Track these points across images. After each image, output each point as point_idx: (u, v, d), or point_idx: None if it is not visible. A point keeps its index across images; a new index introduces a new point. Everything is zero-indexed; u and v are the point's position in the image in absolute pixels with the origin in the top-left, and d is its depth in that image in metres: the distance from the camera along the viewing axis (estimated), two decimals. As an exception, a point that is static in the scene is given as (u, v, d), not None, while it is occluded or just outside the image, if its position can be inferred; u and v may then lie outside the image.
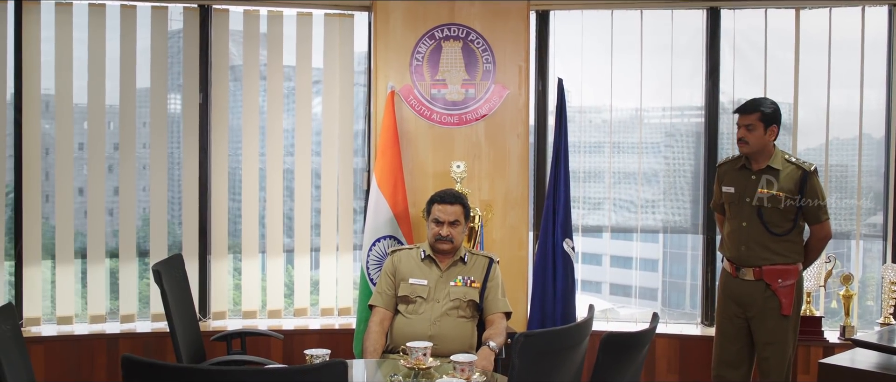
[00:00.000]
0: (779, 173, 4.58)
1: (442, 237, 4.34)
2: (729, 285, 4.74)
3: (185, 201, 5.67)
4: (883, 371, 3.94)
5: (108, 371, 5.39)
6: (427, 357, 3.61)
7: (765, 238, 4.58)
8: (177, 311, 4.18)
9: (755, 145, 4.58)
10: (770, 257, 4.57)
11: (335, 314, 5.85)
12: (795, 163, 4.60)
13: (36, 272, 5.50)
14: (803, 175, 4.55)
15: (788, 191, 4.54)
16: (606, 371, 2.90)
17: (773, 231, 4.56)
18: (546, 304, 5.12)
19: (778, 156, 4.63)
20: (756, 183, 4.60)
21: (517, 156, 5.51)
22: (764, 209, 4.56)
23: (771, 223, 4.56)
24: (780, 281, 4.55)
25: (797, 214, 4.57)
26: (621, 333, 3.05)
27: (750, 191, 4.62)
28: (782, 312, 4.56)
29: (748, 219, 4.61)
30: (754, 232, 4.59)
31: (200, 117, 5.65)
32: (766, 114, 4.56)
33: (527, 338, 2.70)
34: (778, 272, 4.56)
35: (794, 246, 4.60)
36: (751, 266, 4.61)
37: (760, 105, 4.59)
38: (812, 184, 4.55)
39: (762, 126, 4.56)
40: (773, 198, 4.55)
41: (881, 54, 5.62)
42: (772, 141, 4.60)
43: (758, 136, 4.57)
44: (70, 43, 5.49)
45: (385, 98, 5.36)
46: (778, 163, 4.60)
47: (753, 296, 4.61)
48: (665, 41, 5.76)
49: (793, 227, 4.57)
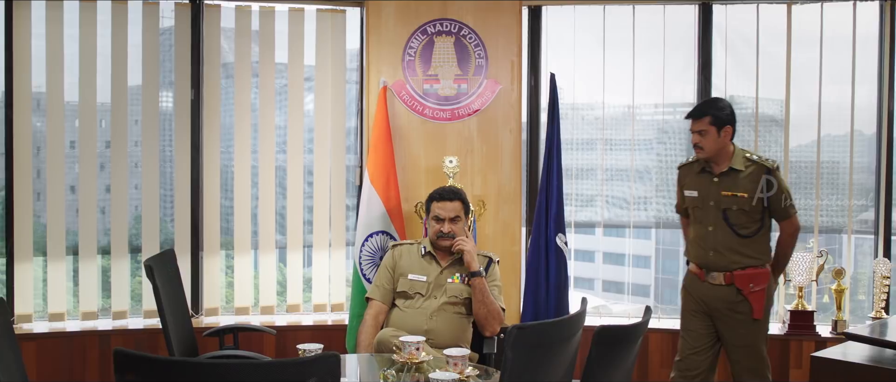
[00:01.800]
0: (741, 173, 4.41)
1: (444, 234, 4.34)
2: (696, 287, 4.56)
3: (177, 198, 5.66)
4: (875, 363, 3.94)
5: (100, 368, 5.37)
6: (420, 351, 3.61)
7: (733, 241, 4.41)
8: (169, 307, 4.17)
9: (710, 149, 4.41)
10: (740, 260, 4.40)
11: (328, 310, 5.85)
12: (757, 162, 4.43)
13: (27, 269, 5.48)
14: (766, 173, 4.39)
15: (752, 191, 4.38)
16: (600, 365, 2.90)
17: (740, 233, 4.39)
18: (539, 299, 5.13)
19: (738, 155, 4.45)
20: (719, 186, 4.43)
21: (510, 152, 5.51)
22: (730, 212, 4.40)
23: (738, 225, 4.40)
24: (751, 286, 4.39)
25: (763, 213, 4.42)
26: (614, 326, 3.05)
27: (713, 194, 4.45)
28: (753, 316, 4.41)
29: (714, 223, 4.44)
30: (722, 236, 4.42)
31: (192, 114, 5.64)
32: (718, 117, 4.37)
33: (520, 331, 2.70)
34: (749, 277, 4.39)
35: (762, 247, 4.46)
36: (721, 270, 4.44)
37: (711, 108, 4.43)
38: (774, 180, 4.40)
39: (715, 129, 4.37)
40: (738, 200, 4.39)
41: (872, 50, 5.64)
42: (728, 142, 4.43)
43: (712, 140, 4.39)
44: (61, 40, 5.47)
45: (377, 93, 5.35)
46: (739, 164, 4.42)
47: (724, 302, 4.44)
48: (657, 37, 5.76)
49: (760, 227, 4.42)
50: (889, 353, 4.03)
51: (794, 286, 5.48)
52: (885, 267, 5.42)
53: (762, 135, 5.74)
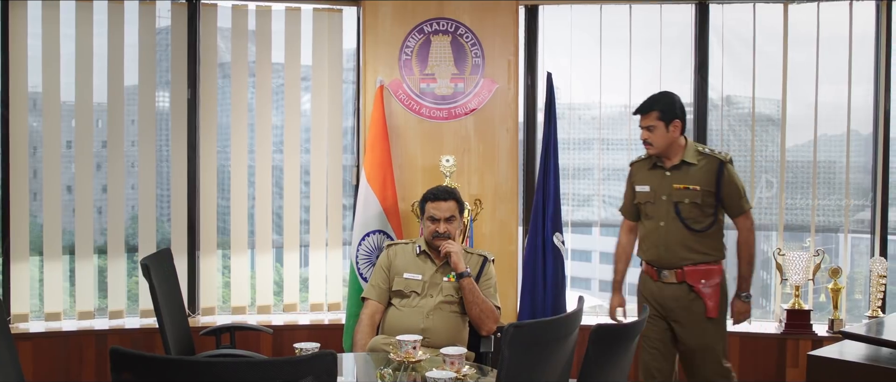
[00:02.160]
0: (693, 167, 4.32)
1: (439, 234, 4.33)
2: (649, 288, 4.46)
3: (173, 197, 5.66)
4: (871, 362, 3.95)
5: (96, 368, 5.37)
6: (417, 350, 3.61)
7: (684, 236, 4.31)
8: (166, 306, 4.17)
9: (660, 144, 4.33)
10: (691, 257, 4.30)
11: (325, 309, 5.84)
12: (710, 155, 4.34)
13: (24, 268, 5.47)
14: (719, 165, 4.29)
15: (705, 184, 4.29)
16: (596, 363, 2.90)
17: (692, 227, 4.30)
18: (536, 298, 5.13)
19: (691, 149, 4.36)
20: (671, 179, 4.35)
21: (506, 151, 5.52)
22: (682, 206, 4.30)
23: (690, 219, 4.30)
24: (703, 282, 4.30)
25: (716, 208, 4.32)
26: (611, 325, 3.06)
27: (665, 188, 4.36)
28: (708, 315, 4.31)
29: (666, 218, 4.35)
30: (673, 231, 4.33)
31: (189, 114, 5.63)
32: (665, 111, 4.29)
33: (516, 329, 2.69)
34: (700, 272, 4.30)
35: (715, 243, 4.36)
36: (672, 268, 4.34)
37: (658, 102, 4.34)
38: (728, 173, 4.30)
39: (663, 124, 4.30)
40: (690, 193, 4.29)
41: (869, 50, 5.64)
42: (677, 136, 4.33)
43: (660, 135, 4.32)
44: (57, 39, 5.46)
45: (374, 92, 5.35)
46: (692, 157, 4.33)
47: (677, 300, 4.34)
48: (654, 36, 5.77)
49: (713, 222, 4.33)
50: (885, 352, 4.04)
51: (791, 285, 5.49)
52: (881, 266, 5.42)
53: (759, 134, 5.74)
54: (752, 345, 5.52)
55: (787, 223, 5.73)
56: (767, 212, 5.76)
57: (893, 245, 5.68)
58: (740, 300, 4.45)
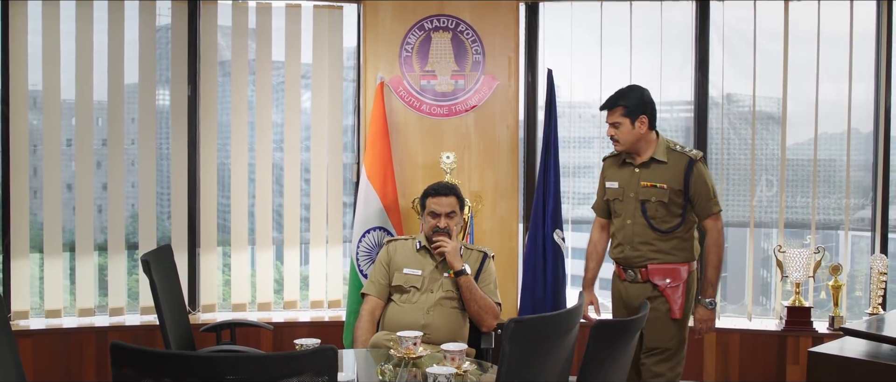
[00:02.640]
0: (663, 165, 4.15)
1: (440, 229, 4.33)
2: (616, 288, 4.34)
3: (174, 195, 5.65)
4: (872, 359, 3.95)
5: (96, 365, 5.37)
6: (417, 346, 3.61)
7: (650, 235, 4.16)
8: (166, 302, 4.16)
9: (627, 141, 4.17)
10: (656, 256, 4.15)
11: (325, 306, 5.84)
12: (680, 152, 4.16)
13: (24, 265, 5.47)
14: (688, 164, 4.11)
15: (673, 182, 4.11)
16: (597, 359, 2.90)
17: (657, 227, 4.14)
18: (536, 295, 5.13)
19: (661, 146, 4.19)
20: (639, 177, 4.19)
21: (507, 147, 5.51)
22: (648, 204, 4.15)
23: (655, 219, 4.14)
24: (666, 280, 4.13)
25: (685, 208, 4.14)
26: (612, 320, 3.05)
27: (634, 185, 4.20)
28: (672, 316, 4.13)
29: (632, 216, 4.20)
30: (639, 230, 4.17)
31: (189, 111, 5.63)
32: (630, 107, 4.14)
33: (517, 324, 2.69)
34: (664, 271, 4.14)
35: (683, 245, 4.17)
36: (636, 267, 4.20)
37: (622, 98, 4.19)
38: (697, 172, 4.11)
39: (628, 120, 4.14)
40: (657, 191, 4.13)
41: (869, 47, 5.64)
42: (644, 132, 4.16)
43: (626, 131, 4.15)
44: (57, 37, 5.46)
45: (374, 89, 5.35)
46: (662, 154, 4.16)
47: (641, 298, 4.10)
48: (654, 34, 5.76)
49: (680, 223, 4.15)
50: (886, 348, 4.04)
51: (791, 282, 5.49)
52: (881, 264, 5.42)
53: (759, 132, 5.74)
54: (752, 342, 5.52)
55: (787, 220, 5.73)
56: (768, 210, 5.76)
57: (893, 244, 5.68)
58: (703, 306, 4.21)
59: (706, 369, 5.59)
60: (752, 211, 5.74)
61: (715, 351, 5.57)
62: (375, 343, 4.11)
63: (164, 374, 2.33)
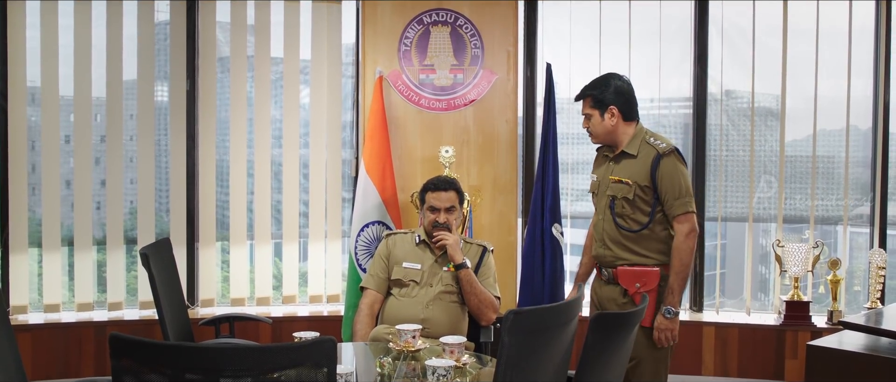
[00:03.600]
0: (632, 159, 3.88)
1: (439, 224, 4.32)
2: (594, 287, 4.11)
3: (172, 190, 5.66)
4: (870, 352, 3.95)
5: (95, 359, 5.37)
6: (416, 339, 3.62)
7: (618, 234, 3.89)
8: (165, 295, 4.17)
9: (598, 133, 3.96)
10: (627, 256, 3.87)
11: (324, 301, 5.84)
12: (651, 145, 3.84)
13: (22, 260, 5.47)
14: (656, 157, 3.80)
15: (640, 178, 3.83)
16: (596, 351, 2.89)
17: (624, 226, 3.87)
18: (535, 289, 5.12)
19: (636, 138, 3.90)
20: (609, 171, 3.95)
21: (506, 142, 5.51)
22: (616, 201, 3.88)
23: (622, 217, 3.86)
24: (636, 285, 3.83)
25: (654, 206, 3.83)
26: (611, 313, 3.05)
27: (606, 180, 3.95)
28: (642, 323, 3.58)
29: (603, 212, 3.95)
30: (608, 228, 3.92)
31: (188, 105, 5.63)
32: (598, 99, 3.92)
33: (516, 316, 2.69)
34: (635, 275, 3.85)
35: (655, 245, 3.85)
36: (609, 266, 3.93)
37: (591, 88, 3.98)
38: (665, 167, 3.79)
39: (597, 112, 3.92)
40: (622, 188, 3.86)
41: (868, 43, 5.64)
42: (618, 123, 3.91)
43: (596, 123, 3.94)
44: (56, 34, 5.46)
45: (373, 83, 5.34)
46: (633, 147, 3.88)
47: (613, 301, 3.92)
48: (653, 29, 5.76)
49: (649, 222, 3.83)
50: (885, 342, 4.05)
51: (790, 277, 5.49)
52: (880, 258, 5.42)
53: (758, 127, 5.74)
54: (751, 337, 5.53)
55: (786, 216, 5.73)
56: (766, 206, 5.76)
57: (892, 239, 5.68)
58: (662, 315, 3.81)
59: (705, 363, 5.60)
60: (751, 207, 5.74)
61: (714, 346, 5.58)
62: (375, 337, 4.11)
63: (163, 365, 2.33)
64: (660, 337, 3.82)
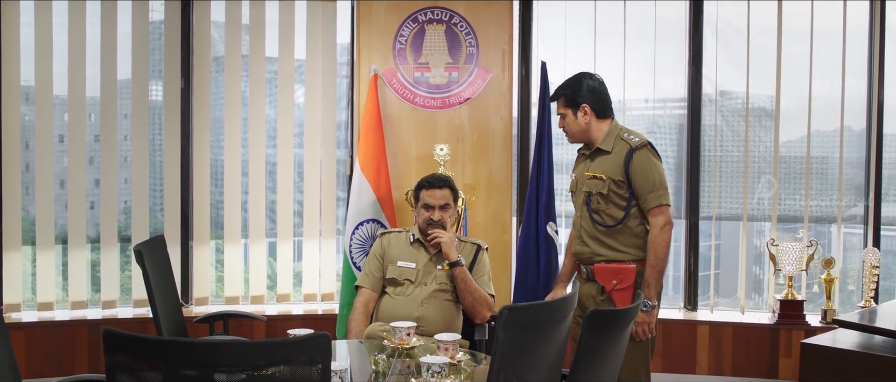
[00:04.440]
0: (606, 155, 3.89)
1: (434, 222, 4.32)
2: (576, 285, 4.09)
3: (166, 188, 5.65)
4: (864, 350, 3.97)
5: (89, 357, 5.36)
6: (411, 336, 3.62)
7: (595, 230, 3.90)
8: (159, 292, 4.16)
9: (573, 132, 3.99)
10: (604, 253, 3.88)
11: (318, 299, 5.84)
12: (625, 140, 3.86)
13: (16, 258, 5.46)
14: (628, 152, 3.81)
15: (614, 173, 3.84)
16: (591, 348, 2.89)
17: (600, 222, 3.88)
18: (529, 287, 5.12)
19: (611, 134, 3.91)
20: (585, 168, 3.99)
21: (501, 140, 5.50)
22: (592, 197, 3.90)
23: (598, 212, 3.88)
24: (614, 282, 3.83)
25: (629, 201, 3.84)
26: (606, 310, 3.05)
27: (582, 177, 4.00)
28: None
29: (581, 209, 3.99)
30: (586, 224, 3.95)
31: (182, 103, 5.63)
32: (570, 98, 3.94)
33: (511, 312, 2.69)
34: (612, 271, 3.84)
35: (631, 241, 3.86)
36: (587, 264, 3.95)
37: (564, 88, 3.99)
38: (638, 160, 3.81)
39: (570, 110, 3.94)
40: (596, 183, 3.88)
41: (862, 44, 5.65)
42: (592, 121, 3.93)
43: (570, 122, 3.97)
44: (50, 33, 5.45)
45: (368, 81, 5.34)
46: (608, 143, 3.90)
47: (592, 299, 3.91)
48: (648, 28, 5.77)
49: (624, 217, 3.85)
50: (879, 340, 4.06)
51: (784, 275, 5.50)
52: (874, 257, 5.44)
53: (753, 126, 5.75)
54: (744, 335, 5.54)
55: (780, 216, 5.74)
56: (759, 206, 5.77)
57: (885, 240, 5.69)
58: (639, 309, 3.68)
59: (699, 362, 5.60)
60: (745, 207, 5.75)
61: (707, 345, 5.59)
62: (369, 334, 4.11)
63: (158, 361, 2.32)
64: (637, 331, 3.79)
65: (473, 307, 4.25)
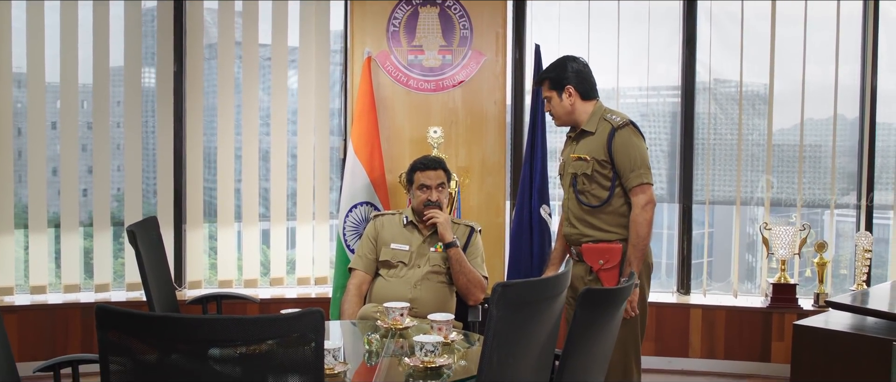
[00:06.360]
0: (590, 136, 3.90)
1: (431, 202, 4.31)
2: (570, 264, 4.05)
3: (160, 173, 5.65)
4: (856, 331, 3.99)
5: (82, 340, 5.36)
6: (404, 317, 3.62)
7: (581, 211, 3.91)
8: (152, 273, 4.14)
9: (559, 114, 3.99)
10: (591, 233, 3.88)
11: (311, 283, 5.84)
12: (608, 120, 3.87)
13: (8, 242, 5.45)
14: (610, 132, 3.82)
15: (597, 153, 3.85)
16: (585, 327, 2.90)
17: (585, 202, 3.88)
18: (523, 270, 5.13)
19: (595, 116, 3.92)
20: (570, 149, 4.01)
21: (494, 123, 5.49)
22: (577, 178, 3.91)
23: (583, 193, 3.89)
24: (600, 262, 3.84)
25: (613, 181, 3.85)
26: (599, 289, 3.05)
27: (568, 159, 4.00)
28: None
29: (568, 191, 4.00)
30: (572, 205, 3.95)
31: (175, 88, 5.63)
32: (555, 80, 3.95)
33: (505, 289, 2.69)
34: (599, 251, 3.86)
35: (617, 220, 3.86)
36: (576, 245, 3.96)
37: (548, 71, 4.01)
38: (620, 140, 3.81)
39: (555, 93, 3.95)
40: (580, 164, 3.88)
41: (856, 30, 5.66)
42: (577, 102, 3.92)
43: (556, 105, 3.97)
44: (42, 20, 5.43)
45: (361, 64, 5.33)
46: (592, 125, 3.90)
47: (581, 280, 3.91)
48: (642, 12, 5.78)
49: (609, 197, 3.85)
50: (870, 321, 4.08)
51: (777, 259, 5.51)
52: (866, 241, 5.45)
53: (746, 110, 5.76)
54: (737, 319, 5.56)
55: (773, 201, 5.75)
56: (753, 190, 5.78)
57: (877, 228, 5.71)
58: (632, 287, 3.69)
59: (692, 345, 5.62)
60: (739, 192, 5.76)
61: (700, 328, 5.60)
62: (363, 315, 4.11)
63: (151, 337, 2.32)
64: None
65: (467, 288, 4.25)
